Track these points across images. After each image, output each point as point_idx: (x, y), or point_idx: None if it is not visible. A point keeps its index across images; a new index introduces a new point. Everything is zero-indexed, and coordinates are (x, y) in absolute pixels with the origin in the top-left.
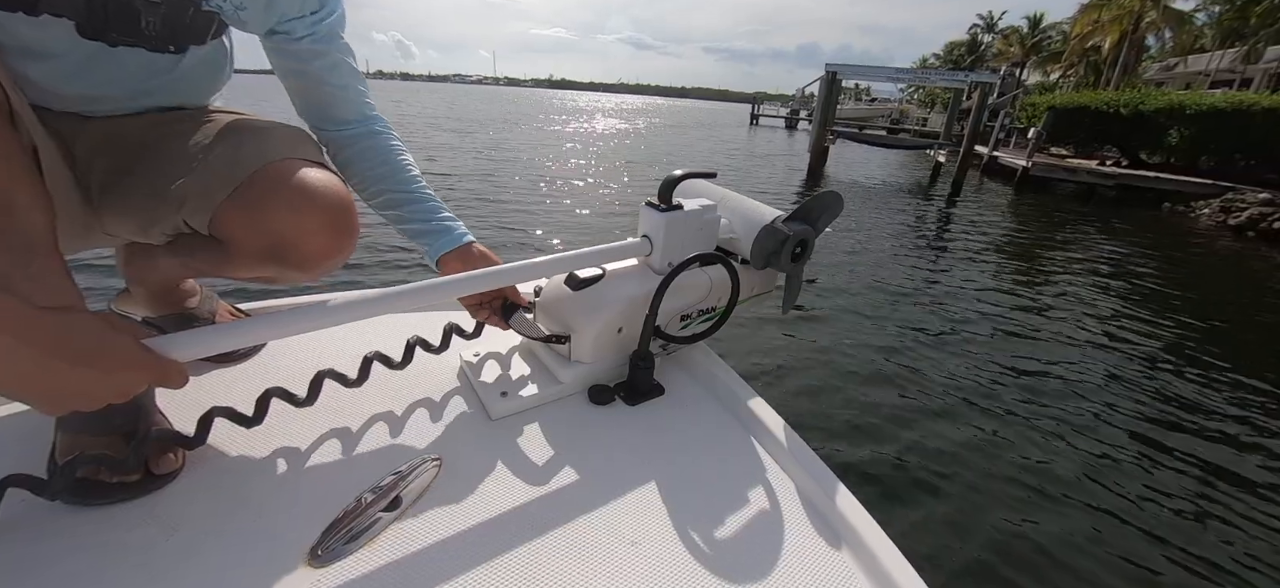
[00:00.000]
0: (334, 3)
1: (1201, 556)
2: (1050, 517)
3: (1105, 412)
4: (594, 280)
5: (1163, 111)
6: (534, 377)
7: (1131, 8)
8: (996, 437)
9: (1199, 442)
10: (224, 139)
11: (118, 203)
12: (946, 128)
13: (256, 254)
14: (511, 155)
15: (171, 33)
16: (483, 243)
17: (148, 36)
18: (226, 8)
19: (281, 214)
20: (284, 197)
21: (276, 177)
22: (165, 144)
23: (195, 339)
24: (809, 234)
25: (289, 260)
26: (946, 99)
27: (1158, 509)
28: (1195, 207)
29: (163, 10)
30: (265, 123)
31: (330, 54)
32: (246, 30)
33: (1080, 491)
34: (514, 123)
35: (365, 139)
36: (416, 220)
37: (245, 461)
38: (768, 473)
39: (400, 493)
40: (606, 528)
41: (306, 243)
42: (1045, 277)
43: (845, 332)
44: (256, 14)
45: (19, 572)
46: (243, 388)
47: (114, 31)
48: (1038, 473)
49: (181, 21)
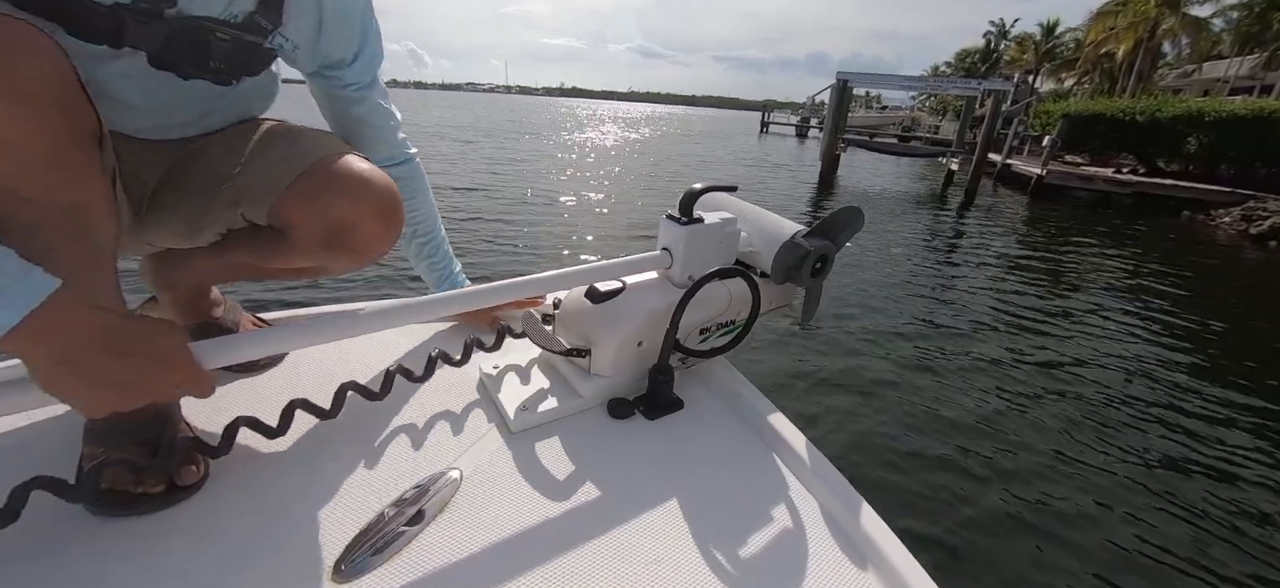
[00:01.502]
0: (373, 48)
1: (1238, 581)
2: (1080, 538)
3: (1135, 429)
4: (614, 293)
5: (1181, 118)
6: (553, 390)
7: (1147, 14)
8: (1022, 454)
9: (1238, 461)
10: (277, 138)
11: (164, 213)
12: (959, 136)
13: (315, 240)
14: (523, 166)
15: (233, 67)
16: (496, 256)
17: (213, 69)
18: (286, 47)
19: (341, 201)
20: (343, 184)
21: (335, 167)
22: (214, 153)
23: (227, 345)
24: (829, 249)
25: (344, 246)
26: (958, 107)
27: (1190, 530)
28: (1215, 215)
29: (230, 46)
30: (307, 127)
31: (369, 99)
32: (297, 68)
33: (1106, 512)
34: (533, 133)
35: (396, 180)
36: (423, 259)
37: (269, 473)
38: (790, 490)
39: (423, 507)
40: (627, 544)
41: (362, 228)
42: (1065, 287)
43: (861, 344)
44: (305, 56)
45: (47, 582)
46: (266, 399)
47: (186, 64)
48: (1065, 493)
49: (245, 57)
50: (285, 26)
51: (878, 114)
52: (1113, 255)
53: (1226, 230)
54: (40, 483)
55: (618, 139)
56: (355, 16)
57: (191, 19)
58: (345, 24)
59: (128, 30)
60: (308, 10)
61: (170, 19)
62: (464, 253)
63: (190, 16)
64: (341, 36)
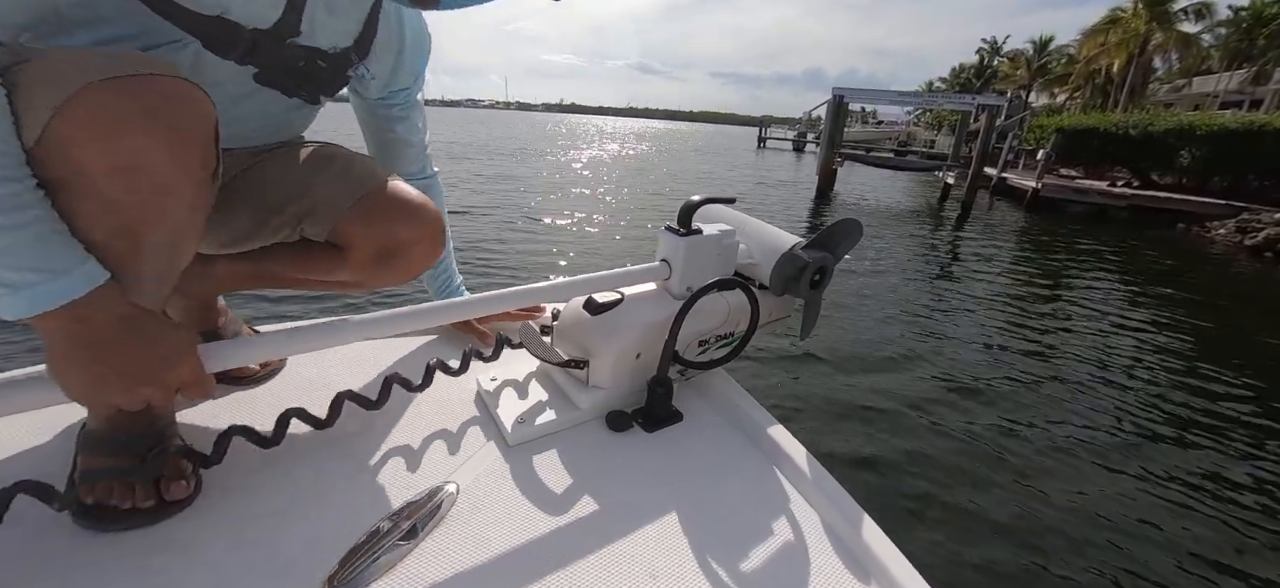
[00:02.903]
0: (422, 78)
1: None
2: (1081, 557)
3: (1138, 444)
4: (612, 305)
5: (1173, 132)
6: (551, 402)
7: (1138, 31)
8: (1020, 466)
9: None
10: (331, 161)
11: (213, 220)
12: (954, 150)
13: (369, 257)
14: (524, 184)
15: (323, 89)
16: (500, 266)
17: (307, 92)
18: (366, 77)
19: (400, 224)
20: (403, 210)
21: (393, 193)
22: (269, 169)
23: (232, 349)
24: (828, 261)
25: (395, 263)
26: (954, 121)
27: (1191, 545)
28: (1211, 227)
29: (326, 73)
30: (350, 150)
31: (410, 118)
32: (366, 95)
33: (1103, 528)
34: (536, 153)
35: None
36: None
37: (262, 485)
38: (791, 504)
39: (417, 522)
40: (625, 559)
41: (415, 248)
42: (1063, 300)
43: (856, 355)
44: (378, 85)
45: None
46: (261, 408)
47: (289, 84)
48: (1064, 505)
49: (332, 82)
50: (370, 61)
51: (874, 129)
52: (1110, 268)
53: (1222, 242)
54: (25, 487)
55: (614, 156)
56: (425, 48)
57: (306, 48)
58: (419, 55)
59: (258, 50)
60: (391, 48)
61: (289, 46)
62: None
63: (305, 46)
64: (412, 67)
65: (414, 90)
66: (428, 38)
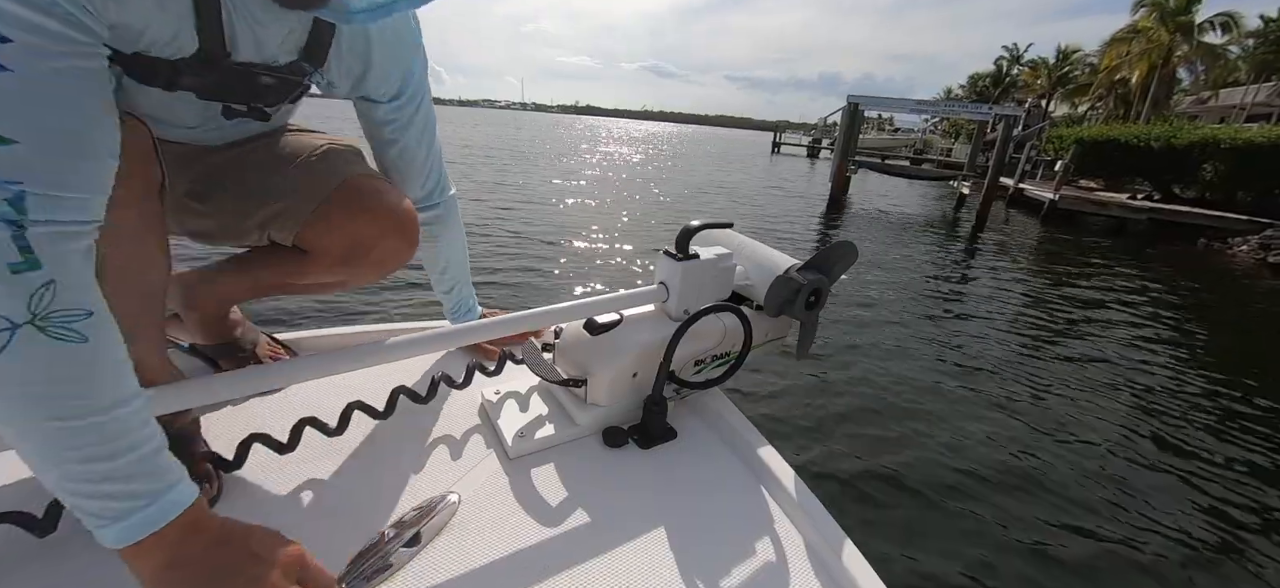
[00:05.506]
0: (415, 88)
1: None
2: (1086, 582)
3: (1156, 469)
4: (611, 326)
5: (1196, 145)
6: (551, 417)
7: (1162, 41)
8: (1026, 494)
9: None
10: (297, 161)
11: (193, 218)
12: (970, 159)
13: (336, 258)
14: (543, 191)
15: (273, 101)
16: (512, 275)
17: (252, 109)
18: (323, 83)
19: (359, 222)
20: (361, 207)
21: (353, 191)
22: (244, 164)
23: (249, 377)
24: (823, 283)
25: (363, 262)
26: (971, 130)
27: (1214, 569)
28: (1233, 243)
29: (274, 85)
30: (323, 139)
31: (401, 141)
32: (336, 97)
33: (1116, 549)
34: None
35: (432, 219)
36: (444, 288)
37: (275, 491)
38: (776, 525)
39: (421, 529)
40: (614, 573)
41: (381, 245)
42: (1079, 317)
43: (865, 371)
44: (343, 90)
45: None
46: (276, 415)
47: (232, 101)
48: (1070, 534)
49: (285, 92)
50: (328, 69)
51: (889, 136)
52: (1128, 284)
53: (1244, 258)
54: (8, 518)
55: (627, 162)
56: (403, 59)
57: (242, 66)
58: (394, 65)
59: (183, 77)
60: (356, 56)
61: (225, 66)
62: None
63: (242, 63)
64: (386, 78)
65: (407, 97)
66: (412, 33)
